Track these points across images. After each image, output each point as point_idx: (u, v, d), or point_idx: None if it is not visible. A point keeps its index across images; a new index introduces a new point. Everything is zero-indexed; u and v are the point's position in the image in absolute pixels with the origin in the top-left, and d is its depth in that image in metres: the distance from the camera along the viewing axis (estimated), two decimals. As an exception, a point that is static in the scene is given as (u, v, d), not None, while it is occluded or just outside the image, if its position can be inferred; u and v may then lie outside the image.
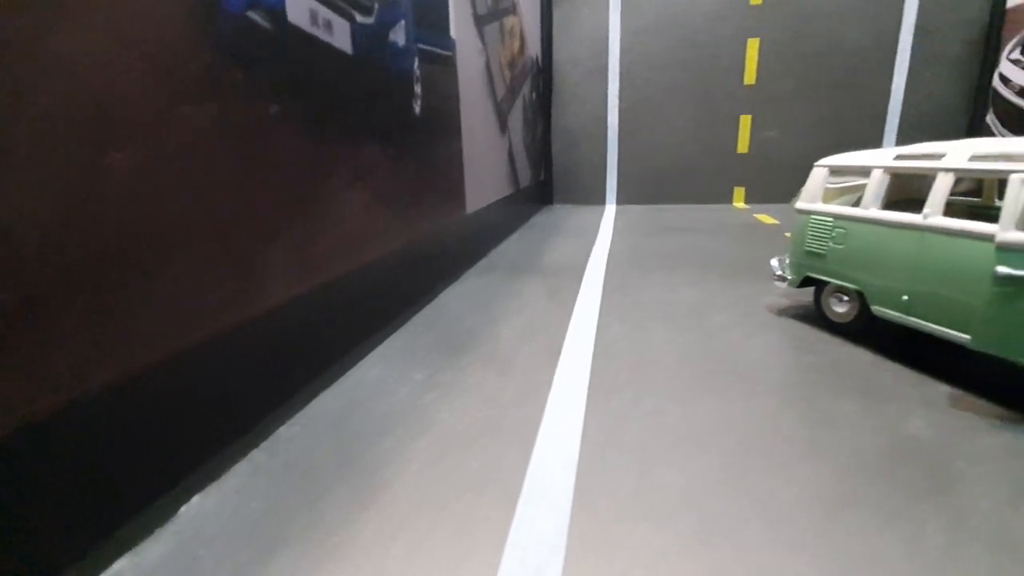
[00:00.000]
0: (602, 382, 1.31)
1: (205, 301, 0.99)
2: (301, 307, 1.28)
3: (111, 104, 0.81)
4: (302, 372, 1.31)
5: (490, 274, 2.38)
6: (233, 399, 1.09)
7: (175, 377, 0.94)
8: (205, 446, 1.02)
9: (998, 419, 1.09)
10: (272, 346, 1.19)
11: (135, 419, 0.87)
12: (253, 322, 1.12)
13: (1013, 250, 1.01)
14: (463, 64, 2.35)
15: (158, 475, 0.92)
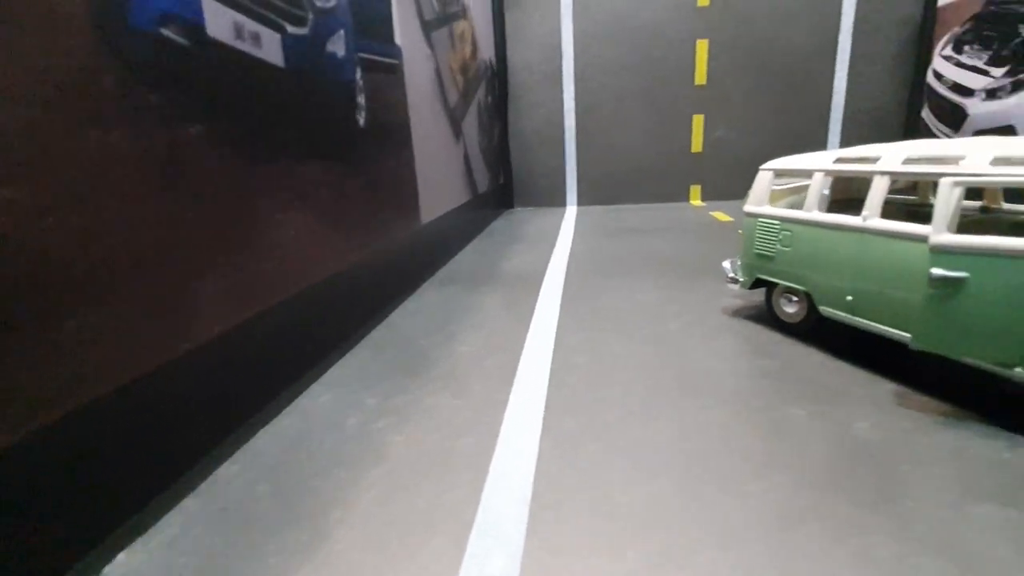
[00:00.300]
0: (559, 400, 1.28)
1: (123, 343, 0.91)
2: (240, 337, 1.20)
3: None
4: (243, 405, 1.24)
5: (448, 286, 2.33)
6: (163, 443, 1.01)
7: (91, 428, 0.86)
8: (132, 497, 0.94)
9: (941, 416, 1.12)
10: (207, 382, 1.11)
11: (46, 477, 0.79)
12: (184, 359, 1.04)
13: (946, 252, 1.03)
14: (411, 71, 2.29)
15: (77, 534, 0.84)
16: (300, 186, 1.45)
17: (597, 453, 1.06)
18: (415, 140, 2.32)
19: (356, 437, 1.17)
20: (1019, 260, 0.97)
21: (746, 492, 0.92)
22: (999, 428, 1.06)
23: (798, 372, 1.35)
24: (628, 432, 1.13)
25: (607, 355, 1.52)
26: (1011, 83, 3.34)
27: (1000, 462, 0.96)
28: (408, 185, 2.26)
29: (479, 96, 3.68)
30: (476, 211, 3.62)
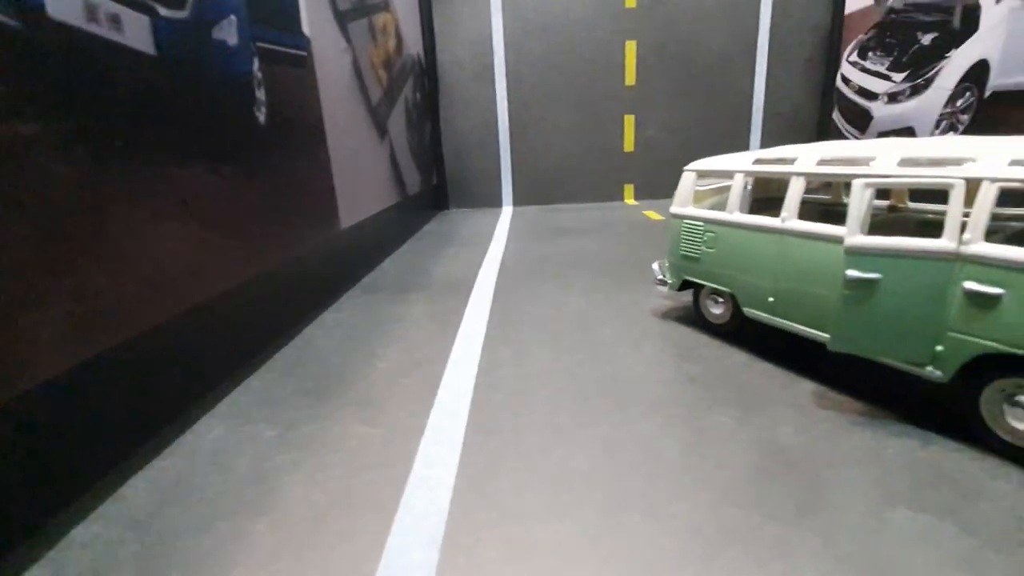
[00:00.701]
0: (481, 421, 1.19)
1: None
2: (95, 372, 1.02)
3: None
4: (105, 452, 1.06)
5: (373, 295, 2.19)
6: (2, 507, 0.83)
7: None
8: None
9: (859, 416, 1.12)
10: (54, 428, 0.93)
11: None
12: (14, 406, 0.86)
13: (860, 254, 1.02)
14: (323, 64, 2.13)
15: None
16: (179, 192, 1.27)
17: (517, 482, 0.97)
18: (331, 139, 2.16)
19: (246, 479, 1.03)
20: (927, 261, 0.97)
21: (670, 515, 0.87)
22: (912, 426, 1.07)
23: (723, 376, 1.33)
24: (551, 455, 1.05)
25: (535, 367, 1.44)
26: (910, 88, 3.59)
27: (913, 461, 0.96)
28: (323, 187, 2.10)
29: (406, 93, 3.52)
30: (406, 213, 3.46)
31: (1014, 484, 0.89)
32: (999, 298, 0.90)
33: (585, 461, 1.02)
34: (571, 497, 0.92)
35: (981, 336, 0.93)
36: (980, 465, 0.94)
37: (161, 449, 1.14)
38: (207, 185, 1.37)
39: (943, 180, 0.96)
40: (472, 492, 0.95)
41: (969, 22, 3.11)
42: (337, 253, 2.23)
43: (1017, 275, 0.88)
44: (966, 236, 0.94)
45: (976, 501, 0.86)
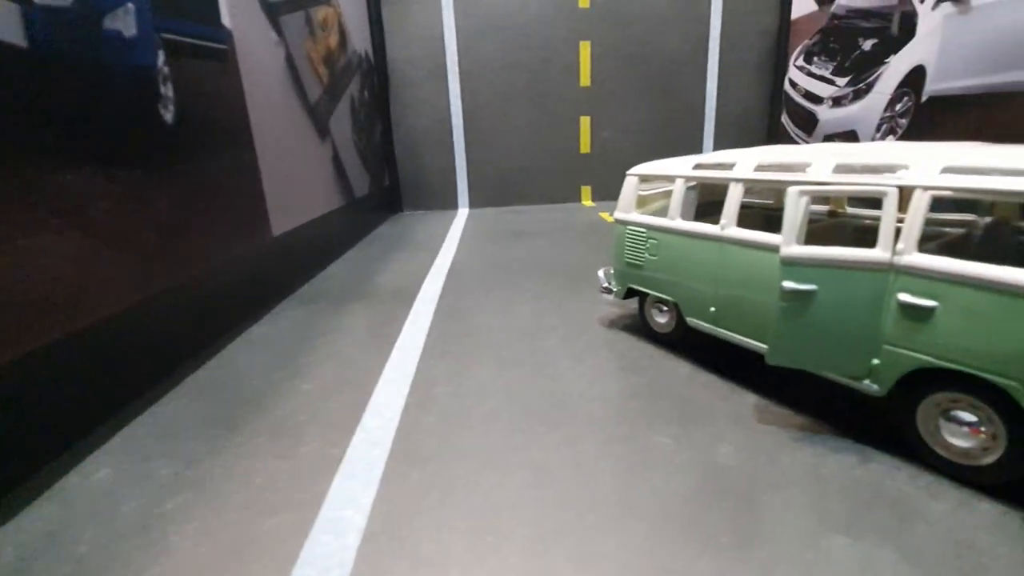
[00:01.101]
0: (406, 449, 1.09)
1: None
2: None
3: None
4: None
5: (309, 305, 2.05)
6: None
7: None
8: None
9: (799, 431, 1.08)
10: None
11: None
12: None
13: (795, 264, 0.98)
14: (249, 59, 1.98)
15: None
16: (62, 201, 1.12)
17: (437, 521, 0.88)
18: (259, 140, 2.01)
19: (128, 530, 0.90)
20: (862, 272, 0.94)
21: (599, 554, 0.79)
22: (852, 441, 1.04)
23: (666, 389, 1.27)
24: (478, 487, 0.96)
25: (472, 384, 1.35)
26: (853, 92, 3.68)
27: (852, 481, 0.92)
28: (250, 192, 1.95)
29: (352, 91, 3.38)
30: (354, 217, 3.32)
31: (951, 504, 0.86)
32: (933, 311, 0.87)
33: (514, 492, 0.94)
34: (494, 538, 0.84)
35: (916, 350, 0.90)
36: (918, 483, 0.91)
37: (36, 495, 1.00)
38: (95, 193, 1.22)
39: (876, 188, 0.93)
40: (385, 536, 0.86)
41: (906, 29, 3.21)
42: (268, 262, 2.08)
43: (950, 287, 0.85)
44: (899, 246, 0.90)
45: (914, 524, 0.82)
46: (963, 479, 0.90)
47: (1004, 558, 0.75)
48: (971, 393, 0.86)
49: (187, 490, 1.00)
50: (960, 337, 0.84)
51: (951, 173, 0.87)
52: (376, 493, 0.96)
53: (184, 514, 0.94)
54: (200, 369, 1.52)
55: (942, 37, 2.97)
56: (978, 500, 0.86)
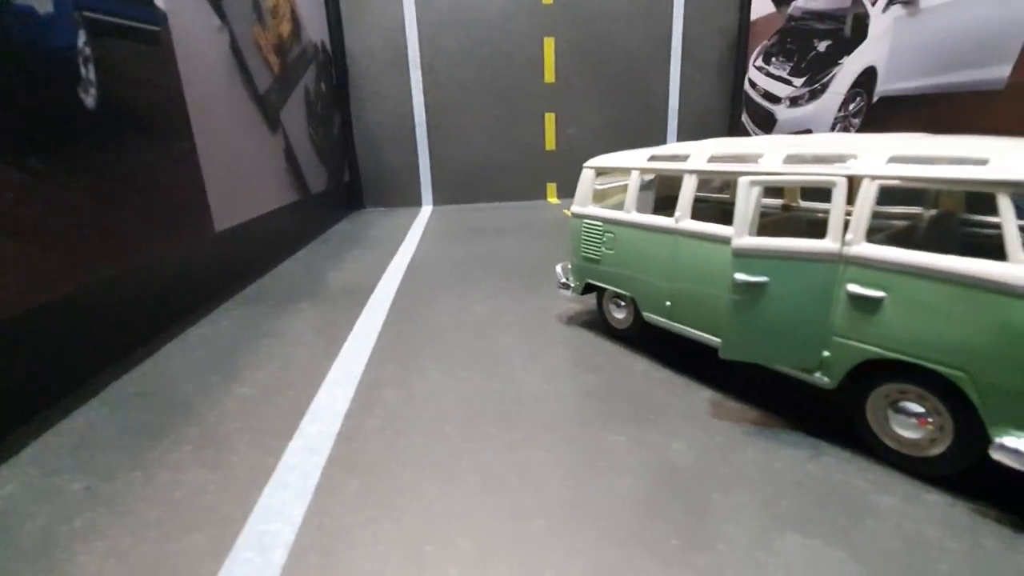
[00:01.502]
0: (346, 456, 1.02)
1: None
2: None
3: None
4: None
5: (255, 305, 1.95)
6: None
7: None
8: None
9: (752, 426, 1.06)
10: None
11: None
12: None
13: (746, 256, 0.96)
14: (187, 43, 1.86)
15: None
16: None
17: (372, 535, 0.82)
18: (199, 129, 1.89)
19: (32, 549, 0.81)
20: (812, 263, 0.92)
21: (544, 564, 0.75)
22: (804, 435, 1.02)
23: (622, 387, 1.24)
24: (420, 496, 0.90)
25: (423, 386, 1.29)
26: (808, 92, 3.76)
27: (803, 476, 0.91)
28: (188, 185, 1.83)
29: (307, 83, 3.25)
30: (309, 213, 3.20)
31: (900, 497, 0.85)
32: (880, 301, 0.86)
33: (458, 501, 0.89)
34: (433, 551, 0.78)
35: (864, 341, 0.89)
36: (868, 476, 0.90)
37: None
38: (0, 181, 1.11)
39: (825, 178, 0.91)
40: (315, 551, 0.79)
41: (859, 30, 3.29)
42: (210, 259, 1.97)
43: (897, 277, 0.84)
44: (848, 236, 0.89)
45: (864, 519, 0.80)
46: (912, 471, 0.89)
47: (953, 552, 0.74)
48: (918, 384, 0.85)
49: (99, 506, 0.91)
50: (907, 327, 0.83)
51: (898, 162, 0.86)
52: (309, 504, 0.89)
53: (93, 532, 0.84)
54: (127, 374, 1.41)
55: (892, 39, 3.06)
56: (927, 492, 0.85)
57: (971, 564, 0.71)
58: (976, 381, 0.77)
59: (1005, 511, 0.81)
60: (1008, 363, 0.74)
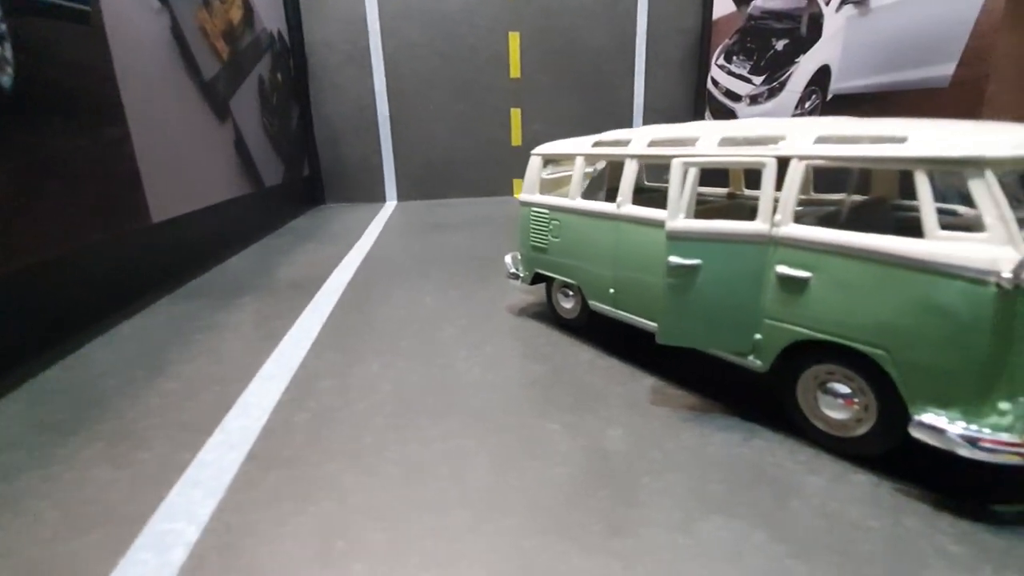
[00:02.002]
0: (267, 451, 0.97)
1: None
2: None
3: None
4: None
5: (196, 299, 1.86)
6: None
7: None
8: None
9: (689, 411, 1.05)
10: None
11: None
12: None
13: (680, 238, 0.94)
14: (121, 25, 1.76)
15: None
16: None
17: (282, 532, 0.77)
18: (134, 116, 1.80)
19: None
20: (744, 245, 0.91)
21: (459, 555, 0.71)
22: (739, 419, 1.02)
23: (565, 376, 1.22)
24: (336, 489, 0.86)
25: (360, 377, 1.24)
26: (767, 90, 3.83)
27: (734, 459, 0.89)
28: (120, 172, 1.74)
29: (262, 72, 3.15)
30: (262, 207, 3.10)
31: (827, 477, 0.84)
32: (807, 282, 0.85)
33: (377, 494, 0.84)
34: (344, 545, 0.74)
35: (793, 322, 0.88)
36: (798, 458, 0.89)
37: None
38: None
39: (756, 159, 0.90)
40: (216, 552, 0.74)
41: (814, 30, 3.36)
42: (146, 251, 1.87)
43: (822, 257, 0.83)
44: (777, 218, 0.88)
45: (789, 500, 0.79)
46: (840, 452, 0.89)
47: (874, 530, 0.73)
48: (843, 364, 0.85)
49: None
50: (831, 308, 0.83)
51: (824, 143, 0.85)
52: (219, 502, 0.84)
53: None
54: (48, 369, 1.32)
55: (844, 38, 3.13)
56: (854, 472, 0.85)
57: (891, 542, 0.71)
58: (896, 359, 0.77)
59: (928, 490, 0.81)
60: (925, 340, 0.74)
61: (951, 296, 0.71)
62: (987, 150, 0.69)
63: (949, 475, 0.84)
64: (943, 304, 0.71)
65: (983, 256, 0.68)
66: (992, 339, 0.69)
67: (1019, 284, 0.67)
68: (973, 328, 0.70)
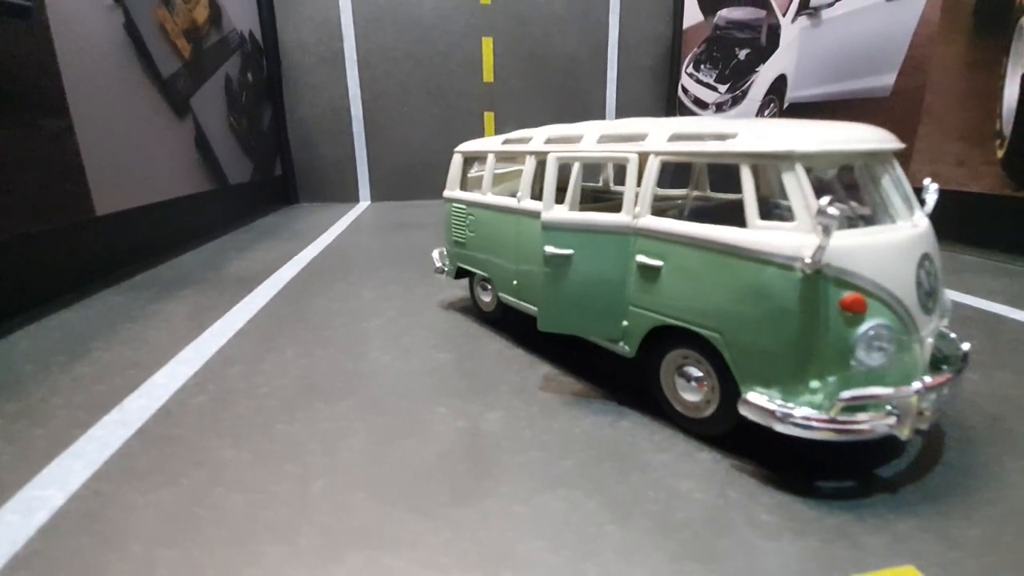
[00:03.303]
0: (157, 430, 1.01)
1: None
2: None
3: None
4: None
5: (138, 291, 1.90)
6: None
7: None
8: None
9: (572, 397, 1.09)
10: None
11: None
12: None
13: (554, 228, 1.00)
14: (67, 21, 1.81)
15: None
16: None
17: (147, 503, 0.81)
18: (78, 109, 1.84)
19: None
20: (610, 235, 0.96)
21: (301, 520, 0.76)
22: (615, 403, 1.06)
23: (468, 365, 1.26)
24: (212, 465, 0.90)
25: (271, 364, 1.29)
26: (731, 98, 3.91)
27: (596, 439, 0.93)
28: (60, 164, 1.77)
29: (229, 71, 3.20)
30: (226, 204, 3.14)
31: (673, 455, 0.89)
32: (659, 270, 0.90)
33: (249, 468, 0.88)
34: (203, 512, 0.78)
35: (651, 309, 0.93)
36: (654, 438, 0.94)
37: None
38: None
39: (620, 154, 0.96)
40: (78, 517, 0.78)
41: (772, 40, 3.45)
42: (91, 243, 1.91)
43: (669, 246, 0.88)
44: (637, 209, 0.93)
45: (631, 474, 0.84)
46: (694, 432, 0.94)
47: (697, 500, 0.78)
48: (694, 348, 0.90)
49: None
50: (678, 294, 0.88)
51: (676, 140, 0.91)
52: (94, 473, 0.87)
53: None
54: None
55: (799, 48, 3.21)
56: (700, 451, 0.90)
57: (709, 511, 0.76)
58: (728, 342, 0.82)
59: (765, 467, 0.86)
60: (748, 323, 0.79)
61: (766, 281, 0.76)
62: (796, 145, 0.75)
63: (792, 453, 0.89)
64: (760, 289, 0.77)
65: (790, 243, 0.74)
66: (800, 321, 0.74)
67: (820, 270, 0.72)
68: (784, 311, 0.75)
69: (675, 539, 0.70)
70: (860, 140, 0.80)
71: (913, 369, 0.78)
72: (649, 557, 0.67)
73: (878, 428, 0.73)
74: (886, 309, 0.74)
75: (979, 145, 2.17)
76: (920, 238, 0.80)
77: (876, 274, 0.73)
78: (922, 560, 0.66)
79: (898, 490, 0.80)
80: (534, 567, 0.66)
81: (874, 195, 0.83)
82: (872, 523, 0.73)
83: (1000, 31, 2.08)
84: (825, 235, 0.69)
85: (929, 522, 0.73)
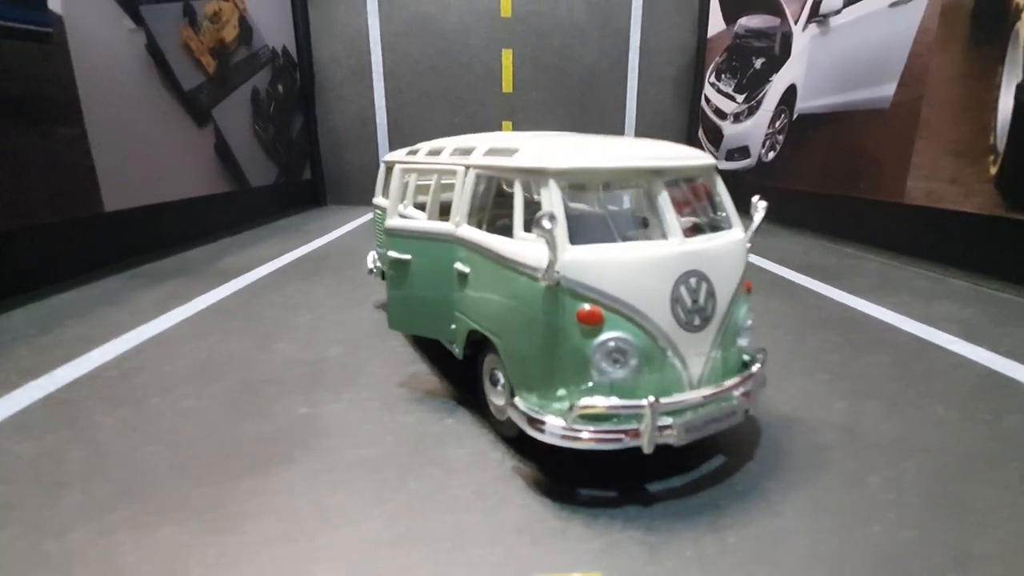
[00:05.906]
0: (67, 395, 1.18)
1: None
2: None
3: None
4: None
5: (136, 280, 2.15)
6: None
7: None
8: None
9: (423, 393, 1.16)
10: None
11: None
12: None
13: (395, 235, 1.07)
14: (86, 43, 2.10)
15: None
16: None
17: (4, 454, 0.97)
18: (92, 118, 2.13)
19: None
20: (438, 242, 1.02)
21: (112, 463, 0.88)
22: (455, 402, 1.11)
23: (355, 359, 1.35)
24: (87, 427, 1.05)
25: (191, 346, 1.44)
26: (747, 108, 3.77)
27: (415, 434, 0.98)
28: (72, 166, 2.06)
29: (257, 84, 3.51)
30: (245, 205, 3.43)
31: (467, 452, 0.93)
32: (467, 276, 0.96)
33: (104, 431, 1.02)
34: (52, 467, 0.93)
35: (464, 313, 0.98)
36: (464, 437, 0.98)
37: None
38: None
39: (451, 167, 1.02)
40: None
41: (785, 49, 3.31)
42: (98, 235, 2.19)
43: (473, 255, 0.93)
44: (456, 219, 0.99)
45: (424, 468, 0.89)
46: (501, 434, 0.98)
47: (450, 491, 0.82)
48: (497, 352, 0.94)
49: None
50: (477, 300, 0.93)
51: (488, 155, 0.96)
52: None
53: None
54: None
55: (808, 57, 3.07)
56: (495, 451, 0.94)
57: (452, 503, 0.80)
58: (503, 346, 0.86)
59: (543, 472, 0.88)
60: (513, 329, 0.83)
61: (520, 290, 0.80)
62: (549, 162, 0.78)
63: (593, 463, 0.90)
64: (518, 296, 0.80)
65: (538, 255, 0.77)
66: (545, 329, 0.77)
67: (558, 282, 0.75)
68: (533, 319, 0.78)
69: (410, 511, 0.76)
70: (631, 158, 0.82)
71: (673, 384, 0.79)
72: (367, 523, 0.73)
73: (609, 440, 0.75)
74: (627, 323, 0.75)
75: (973, 161, 2.00)
76: (686, 256, 0.80)
77: (616, 289, 0.75)
78: (614, 572, 0.68)
79: (652, 504, 0.81)
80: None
81: (650, 212, 0.85)
82: (595, 530, 0.75)
83: (996, 37, 1.91)
84: (550, 248, 0.72)
85: (656, 537, 0.74)
